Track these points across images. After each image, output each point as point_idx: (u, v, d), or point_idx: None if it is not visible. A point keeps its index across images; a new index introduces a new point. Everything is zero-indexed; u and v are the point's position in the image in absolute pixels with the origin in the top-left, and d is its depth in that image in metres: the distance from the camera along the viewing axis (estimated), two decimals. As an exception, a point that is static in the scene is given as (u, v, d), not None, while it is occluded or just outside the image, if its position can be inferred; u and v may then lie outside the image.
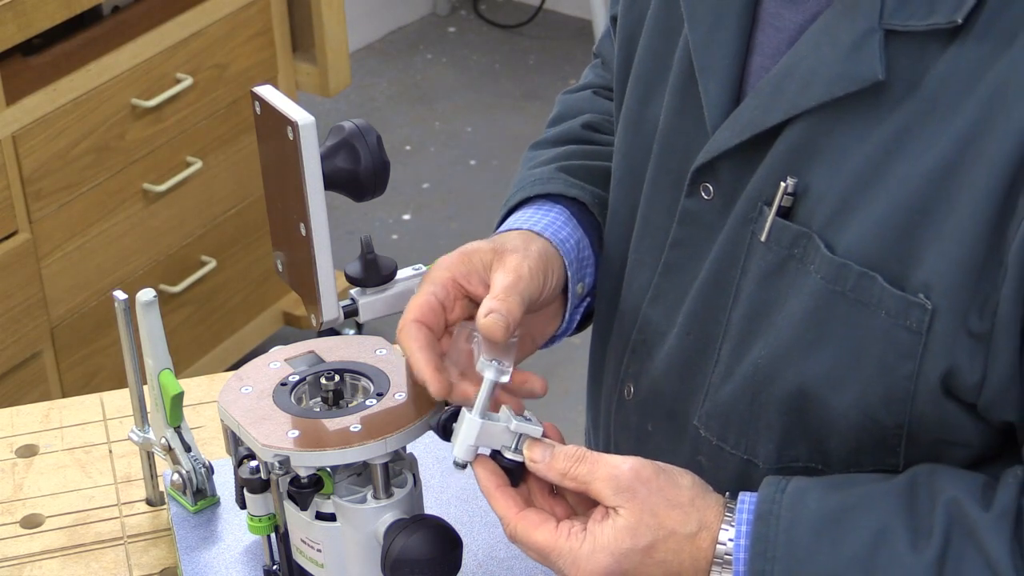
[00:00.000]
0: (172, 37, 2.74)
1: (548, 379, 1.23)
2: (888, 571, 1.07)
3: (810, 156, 1.11)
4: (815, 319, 1.11)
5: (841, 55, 1.08)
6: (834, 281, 1.10)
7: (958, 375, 1.07)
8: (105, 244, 2.72)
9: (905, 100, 1.07)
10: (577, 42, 4.44)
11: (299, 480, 1.23)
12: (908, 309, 1.07)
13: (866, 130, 1.08)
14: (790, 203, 1.13)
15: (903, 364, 1.08)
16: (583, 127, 1.42)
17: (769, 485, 1.13)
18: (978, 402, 1.08)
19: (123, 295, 1.37)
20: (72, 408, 1.60)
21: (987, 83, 1.03)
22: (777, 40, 1.16)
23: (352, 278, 1.25)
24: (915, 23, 1.05)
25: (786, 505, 1.11)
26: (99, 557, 1.42)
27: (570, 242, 1.30)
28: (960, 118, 1.04)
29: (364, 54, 4.42)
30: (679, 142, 1.22)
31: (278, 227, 1.24)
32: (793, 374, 1.13)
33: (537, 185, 1.34)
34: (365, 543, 1.24)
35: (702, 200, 1.20)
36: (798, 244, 1.12)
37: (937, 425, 1.10)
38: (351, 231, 3.58)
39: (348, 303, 1.24)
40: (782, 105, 1.12)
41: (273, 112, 1.18)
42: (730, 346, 1.18)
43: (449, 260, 1.23)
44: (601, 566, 1.11)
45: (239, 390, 1.28)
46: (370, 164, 1.22)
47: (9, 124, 2.49)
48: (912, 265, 1.07)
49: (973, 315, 1.05)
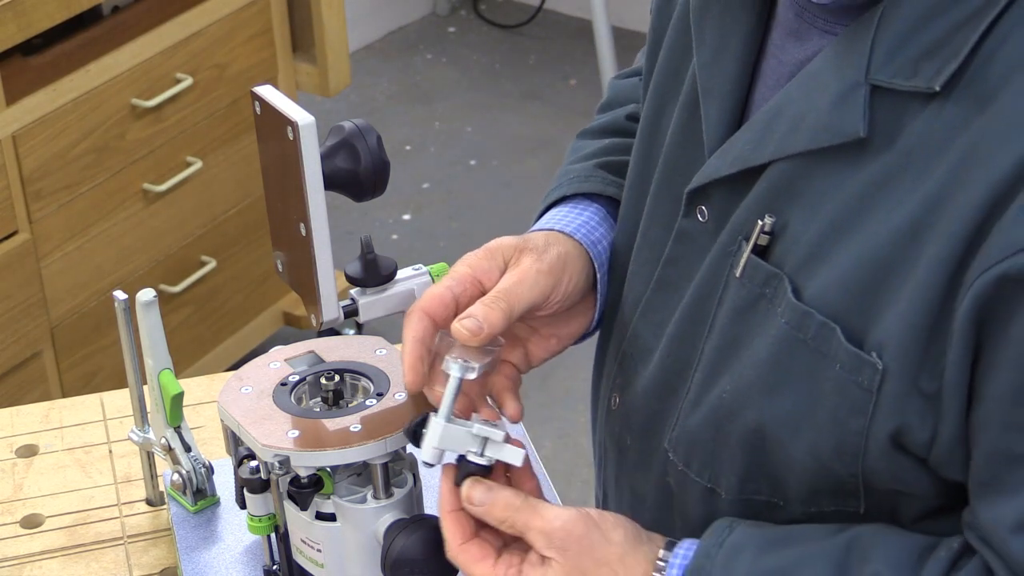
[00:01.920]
0: (172, 37, 2.74)
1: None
2: None
3: (790, 197, 1.12)
4: (777, 362, 1.11)
5: (828, 105, 1.08)
6: (797, 327, 1.10)
7: (909, 433, 1.07)
8: (105, 244, 2.72)
9: (882, 154, 1.07)
10: (577, 42, 4.44)
11: (299, 480, 1.23)
12: (861, 366, 1.07)
13: (844, 179, 1.09)
14: (767, 242, 1.13)
15: (854, 419, 1.08)
16: (627, 118, 1.43)
17: (712, 534, 1.13)
18: (929, 459, 1.08)
19: (123, 295, 1.37)
20: (72, 408, 1.60)
21: (957, 147, 1.03)
22: (779, 73, 1.16)
23: (352, 278, 1.25)
24: (899, 82, 1.06)
25: (719, 563, 1.11)
26: (99, 557, 1.42)
27: (603, 243, 1.31)
28: (930, 180, 1.04)
29: (364, 54, 4.42)
30: (682, 160, 1.22)
31: (278, 227, 1.24)
32: (753, 413, 1.13)
33: (575, 183, 1.35)
34: (365, 543, 1.24)
35: (697, 222, 1.20)
36: (769, 284, 1.12)
37: (891, 478, 1.10)
38: (351, 231, 3.57)
39: (348, 303, 1.24)
40: (769, 146, 1.12)
41: (273, 112, 1.18)
42: (701, 375, 1.18)
43: (473, 256, 1.24)
44: None
45: (239, 390, 1.28)
46: (370, 164, 1.22)
47: (9, 124, 2.49)
48: (871, 322, 1.07)
49: (924, 376, 1.05)
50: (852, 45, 1.08)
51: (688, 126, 1.22)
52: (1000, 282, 0.99)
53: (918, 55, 1.05)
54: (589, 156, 1.39)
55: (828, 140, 1.08)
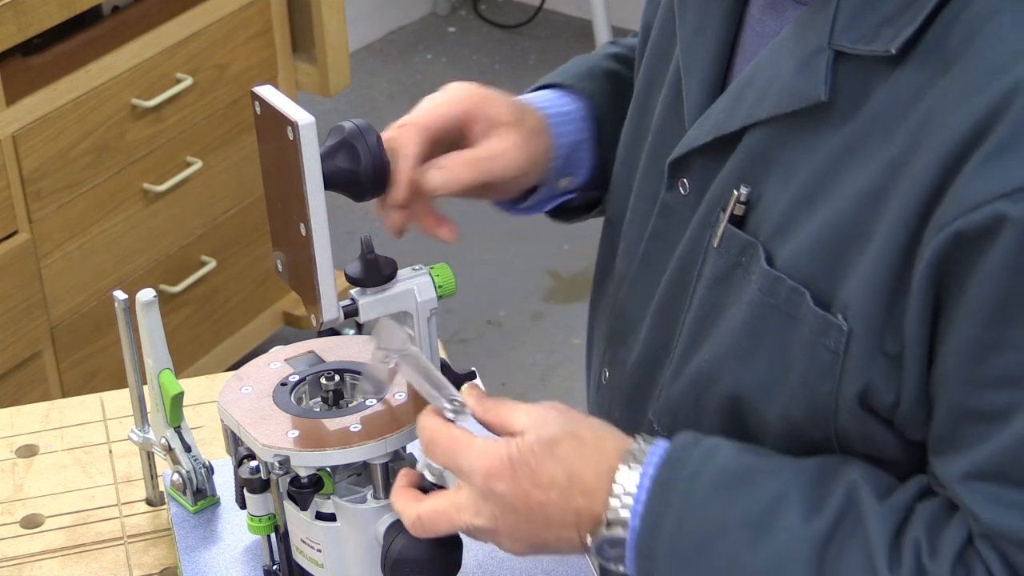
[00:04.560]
0: (172, 37, 2.74)
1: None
2: (776, 534, 1.08)
3: (765, 167, 1.14)
4: (750, 329, 1.13)
5: (792, 71, 1.11)
6: (769, 293, 1.12)
7: (875, 394, 1.08)
8: (105, 244, 2.72)
9: (848, 121, 1.09)
10: (577, 42, 4.44)
11: (299, 480, 1.23)
12: (828, 329, 1.09)
13: (814, 146, 1.10)
14: (743, 212, 1.15)
15: (823, 382, 1.10)
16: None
17: (686, 436, 1.14)
18: (894, 421, 1.10)
19: (123, 295, 1.37)
20: (72, 408, 1.60)
21: (918, 111, 1.05)
22: (757, 46, 1.19)
23: (352, 278, 1.25)
24: (861, 47, 1.08)
25: (696, 456, 1.12)
26: (99, 557, 1.42)
27: (566, 138, 1.36)
28: (892, 144, 1.06)
29: (364, 54, 4.42)
30: (667, 137, 1.25)
31: (278, 227, 1.24)
32: (729, 379, 1.15)
33: (575, 78, 1.40)
34: (365, 543, 1.24)
35: (679, 195, 1.22)
36: (745, 253, 1.14)
37: (862, 442, 1.11)
38: (351, 231, 3.57)
39: (348, 303, 1.24)
40: (741, 113, 1.14)
41: (273, 112, 1.18)
42: (682, 346, 1.20)
43: (474, 94, 1.32)
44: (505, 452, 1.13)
45: (239, 390, 1.28)
46: (370, 164, 1.23)
47: (9, 124, 2.49)
48: (837, 285, 1.09)
49: (888, 337, 1.07)
50: (817, 13, 1.10)
51: (673, 104, 1.25)
52: (956, 239, 1.01)
53: (880, 21, 1.07)
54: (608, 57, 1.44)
55: (791, 105, 1.10)
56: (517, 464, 1.12)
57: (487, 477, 1.13)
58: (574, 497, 1.12)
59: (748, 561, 1.09)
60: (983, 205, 1.00)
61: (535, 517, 1.13)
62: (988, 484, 1.04)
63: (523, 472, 1.12)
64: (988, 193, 1.00)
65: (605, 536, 1.12)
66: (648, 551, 1.11)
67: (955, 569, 1.05)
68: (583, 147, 1.37)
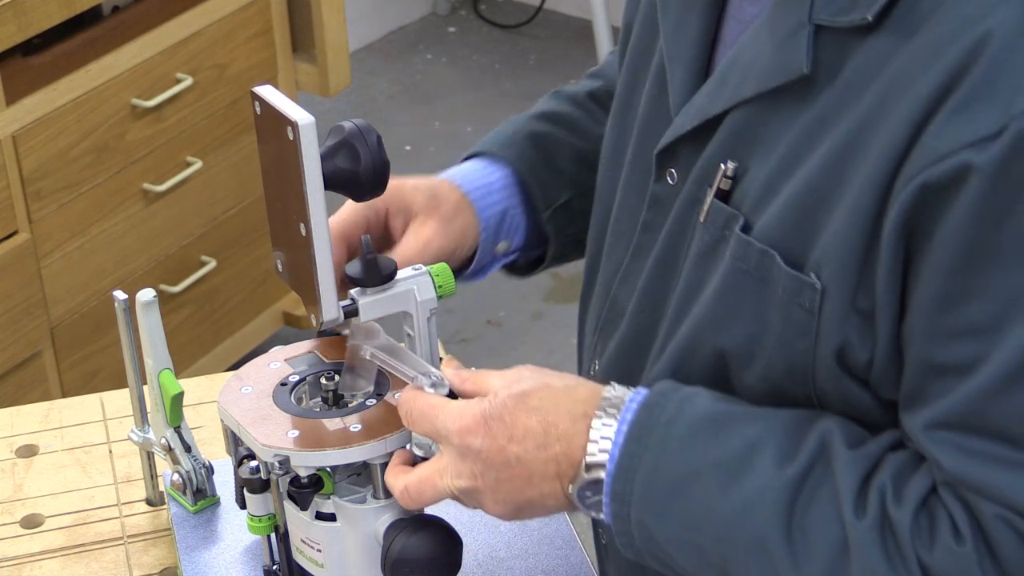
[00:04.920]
0: (172, 37, 2.74)
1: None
2: (747, 480, 1.10)
3: (749, 143, 1.15)
4: (725, 296, 1.15)
5: (775, 48, 1.12)
6: (741, 259, 1.14)
7: (850, 353, 1.10)
8: (105, 244, 2.72)
9: (825, 90, 1.11)
10: (577, 42, 4.44)
11: (299, 480, 1.23)
12: (802, 288, 1.10)
13: (794, 119, 1.12)
14: (729, 186, 1.16)
15: (800, 341, 1.11)
16: (588, 95, 1.49)
17: (666, 383, 1.16)
18: (870, 381, 1.11)
19: (123, 295, 1.37)
20: (72, 408, 1.60)
21: (888, 73, 1.07)
22: (738, 32, 1.20)
23: (352, 278, 1.25)
24: (840, 19, 1.09)
25: (675, 401, 1.14)
26: (99, 557, 1.42)
27: (494, 209, 1.39)
28: (861, 106, 1.08)
29: (364, 54, 4.42)
30: (653, 128, 1.26)
31: (278, 227, 1.24)
32: (709, 348, 1.17)
33: (497, 145, 1.43)
34: (365, 543, 1.24)
35: (668, 185, 1.24)
36: (728, 226, 1.16)
37: (841, 403, 1.13)
38: (351, 231, 3.57)
39: (348, 303, 1.24)
40: (726, 94, 1.16)
41: (273, 112, 1.18)
42: (668, 324, 1.22)
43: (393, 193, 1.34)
44: (478, 409, 1.15)
45: (239, 390, 1.28)
46: (370, 164, 1.22)
47: (9, 124, 2.49)
48: (809, 245, 1.10)
49: (861, 295, 1.08)
50: None
51: (658, 97, 1.26)
52: (923, 191, 1.03)
53: None
54: (534, 118, 1.46)
55: (775, 80, 1.12)
56: (491, 419, 1.15)
57: (462, 434, 1.15)
58: (551, 444, 1.14)
59: (719, 504, 1.10)
60: (949, 156, 1.01)
61: (515, 473, 1.14)
62: (952, 433, 1.05)
63: (497, 426, 1.14)
64: (954, 144, 1.01)
65: (585, 479, 1.13)
66: (623, 494, 1.12)
67: (918, 516, 1.06)
68: (514, 212, 1.41)
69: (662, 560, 1.14)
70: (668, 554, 1.13)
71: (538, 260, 1.47)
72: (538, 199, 1.41)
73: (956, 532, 1.05)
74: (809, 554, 1.08)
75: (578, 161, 1.44)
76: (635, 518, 1.12)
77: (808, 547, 1.08)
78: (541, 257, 1.46)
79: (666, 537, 1.12)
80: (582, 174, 1.44)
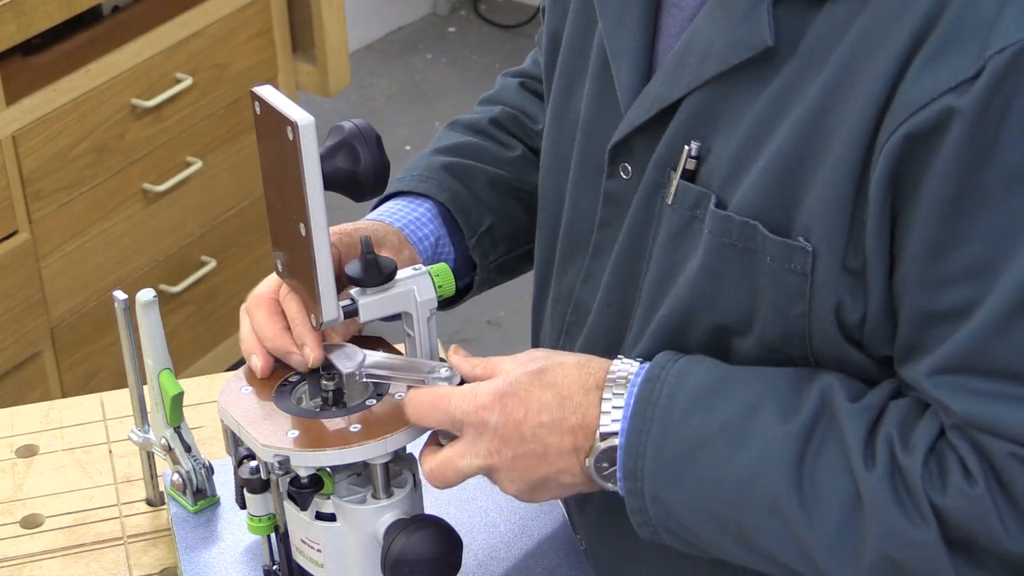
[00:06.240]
0: (172, 37, 2.74)
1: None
2: (755, 439, 1.11)
3: (710, 122, 1.16)
4: (711, 272, 1.16)
5: (734, 25, 1.13)
6: (721, 234, 1.14)
7: (844, 312, 1.11)
8: (105, 244, 2.72)
9: (788, 61, 1.11)
10: (577, 42, 4.44)
11: (299, 480, 1.23)
12: (791, 253, 1.11)
13: (757, 92, 1.13)
14: (694, 166, 1.17)
15: (795, 304, 1.12)
16: (490, 122, 1.50)
17: (665, 354, 1.17)
18: (863, 341, 1.12)
19: (123, 295, 1.37)
20: (72, 408, 1.60)
21: (852, 34, 1.08)
22: (680, 20, 1.21)
23: (352, 278, 1.25)
24: None
25: (674, 372, 1.15)
26: (99, 557, 1.42)
27: (428, 240, 1.39)
28: (827, 70, 1.09)
29: (364, 54, 4.42)
30: (599, 127, 1.27)
31: (278, 227, 1.24)
32: (703, 325, 1.18)
33: (414, 181, 1.43)
34: (365, 543, 1.24)
35: (622, 180, 1.24)
36: (699, 205, 1.16)
37: (837, 363, 1.14)
38: (351, 231, 3.57)
39: (348, 303, 1.24)
40: (684, 79, 1.16)
41: (273, 112, 1.18)
42: (642, 310, 1.23)
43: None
44: (493, 387, 1.16)
45: (239, 390, 1.28)
46: (370, 164, 1.23)
47: (9, 124, 2.49)
48: (793, 211, 1.11)
49: (850, 252, 1.09)
50: None
51: (601, 94, 1.27)
52: (906, 141, 1.04)
53: None
54: (440, 152, 1.46)
55: (738, 56, 1.13)
56: (506, 396, 1.16)
57: (478, 411, 1.16)
58: (567, 417, 1.15)
59: (730, 467, 1.11)
60: (931, 103, 1.02)
61: (530, 449, 1.15)
62: (957, 376, 1.06)
63: (513, 402, 1.16)
64: (934, 90, 1.02)
65: (600, 448, 1.14)
66: (634, 470, 1.13)
67: (927, 461, 1.07)
68: (443, 242, 1.42)
69: (678, 535, 1.15)
70: (685, 527, 1.14)
71: (465, 289, 1.46)
72: (464, 226, 1.42)
73: (967, 474, 1.06)
74: (822, 510, 1.09)
75: (492, 187, 1.45)
76: (649, 492, 1.13)
77: (820, 503, 1.09)
78: (469, 285, 1.46)
79: (681, 509, 1.13)
80: (499, 200, 1.44)
